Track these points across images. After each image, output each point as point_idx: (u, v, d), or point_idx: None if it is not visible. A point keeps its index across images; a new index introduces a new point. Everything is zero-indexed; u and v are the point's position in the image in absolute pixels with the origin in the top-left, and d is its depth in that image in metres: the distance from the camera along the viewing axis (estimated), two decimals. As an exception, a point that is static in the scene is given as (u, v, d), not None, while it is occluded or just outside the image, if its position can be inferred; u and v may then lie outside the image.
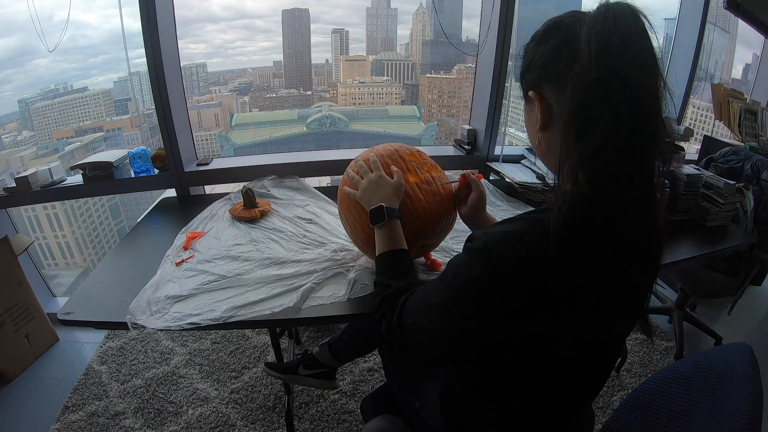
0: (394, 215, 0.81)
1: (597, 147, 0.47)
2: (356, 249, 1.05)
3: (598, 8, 0.49)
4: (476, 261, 0.52)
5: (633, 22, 0.47)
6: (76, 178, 1.66)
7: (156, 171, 1.66)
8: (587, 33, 0.48)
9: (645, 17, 0.48)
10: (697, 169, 1.30)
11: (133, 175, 1.65)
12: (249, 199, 1.31)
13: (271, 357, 1.65)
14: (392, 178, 0.86)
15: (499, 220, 0.84)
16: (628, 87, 0.47)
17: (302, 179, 1.55)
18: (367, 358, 1.63)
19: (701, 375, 0.60)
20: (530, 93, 0.58)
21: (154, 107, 1.55)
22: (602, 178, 0.48)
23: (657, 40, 0.48)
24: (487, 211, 0.94)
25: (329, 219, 1.27)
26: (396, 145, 0.96)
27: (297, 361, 1.29)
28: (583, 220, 0.48)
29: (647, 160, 0.50)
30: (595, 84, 0.47)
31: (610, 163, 0.48)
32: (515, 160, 1.72)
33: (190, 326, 0.84)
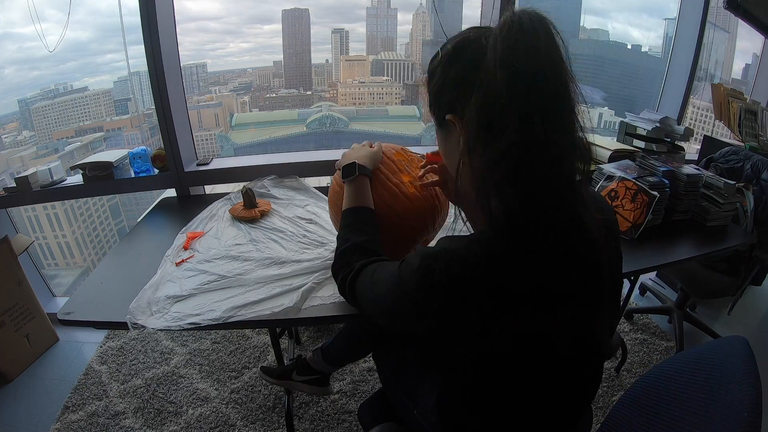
0: (363, 172, 0.85)
1: (508, 153, 0.48)
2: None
3: (504, 17, 0.49)
4: (414, 275, 0.54)
5: (539, 27, 0.47)
6: (76, 178, 1.66)
7: (156, 171, 1.66)
8: (493, 41, 0.48)
9: (551, 22, 0.48)
10: (697, 169, 1.30)
11: (133, 175, 1.65)
12: (249, 199, 1.31)
13: (271, 357, 1.65)
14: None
15: None
16: (536, 91, 0.47)
17: (302, 179, 1.55)
18: (367, 358, 1.62)
19: (699, 368, 0.61)
20: (448, 117, 0.56)
21: (154, 107, 1.55)
22: (520, 189, 0.49)
23: (564, 45, 0.49)
24: None
25: (329, 219, 1.27)
26: (382, 145, 0.97)
27: (291, 366, 1.29)
28: (511, 230, 0.50)
29: (565, 162, 0.50)
30: (503, 90, 0.47)
31: (524, 170, 0.48)
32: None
33: (190, 326, 0.84)
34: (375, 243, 0.76)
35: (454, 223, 0.63)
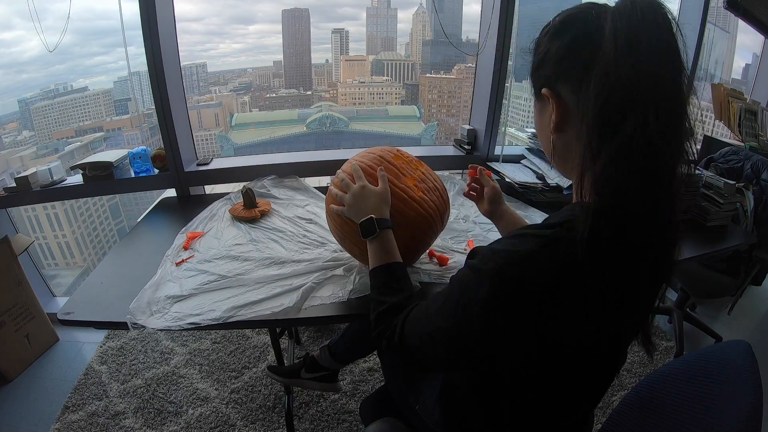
0: (385, 226, 0.78)
1: (623, 150, 0.44)
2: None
3: (622, 1, 0.46)
4: (486, 282, 0.49)
5: (660, 16, 0.45)
6: (76, 178, 1.66)
7: (156, 171, 1.66)
8: (612, 27, 0.45)
9: (669, 12, 0.45)
10: (697, 169, 1.30)
11: (133, 175, 1.65)
12: (249, 199, 1.31)
13: (271, 357, 1.65)
14: (377, 185, 0.83)
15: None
16: (654, 84, 0.44)
17: (302, 179, 1.55)
18: (367, 358, 1.63)
19: (701, 373, 0.60)
20: (544, 91, 0.54)
21: (154, 107, 1.55)
22: (627, 186, 0.45)
23: (682, 36, 0.45)
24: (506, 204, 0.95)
25: (329, 219, 1.27)
26: (378, 150, 0.94)
27: (299, 364, 1.29)
28: (607, 233, 0.45)
29: (672, 162, 0.46)
30: (621, 81, 0.44)
31: (636, 168, 0.44)
32: (515, 160, 1.72)
33: (190, 326, 0.84)
34: (411, 298, 0.71)
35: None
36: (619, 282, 0.49)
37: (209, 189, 1.76)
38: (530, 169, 1.59)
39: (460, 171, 1.88)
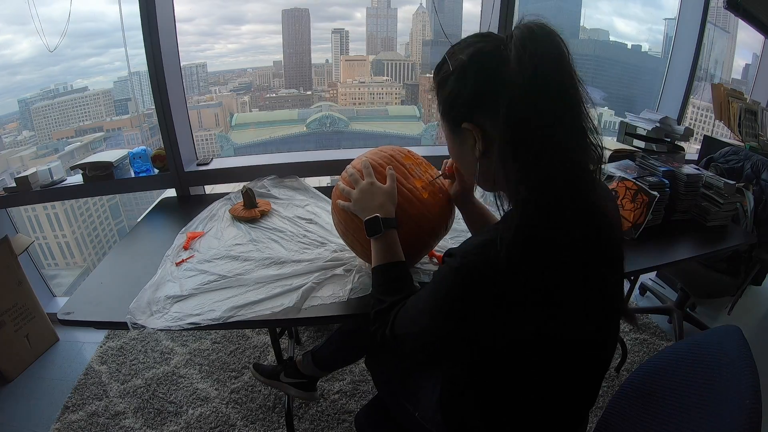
0: (390, 226, 0.78)
1: (536, 161, 0.51)
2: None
3: (521, 30, 0.53)
4: (452, 273, 0.56)
5: (555, 41, 0.52)
6: (76, 178, 1.66)
7: (156, 171, 1.66)
8: (517, 58, 0.51)
9: (559, 33, 0.52)
10: (697, 169, 1.30)
11: (133, 175, 1.65)
12: (249, 199, 1.31)
13: (271, 357, 1.65)
14: (385, 183, 0.83)
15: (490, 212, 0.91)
16: (560, 103, 0.51)
17: (302, 179, 1.55)
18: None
19: (696, 358, 0.61)
20: (465, 125, 0.59)
21: (154, 107, 1.55)
22: (544, 190, 0.52)
23: (569, 53, 0.53)
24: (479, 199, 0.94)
25: (329, 219, 1.26)
26: (389, 150, 0.93)
27: (279, 368, 1.29)
28: (533, 229, 0.52)
29: (581, 165, 0.54)
30: (531, 106, 0.50)
31: (550, 175, 0.51)
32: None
33: (190, 326, 0.84)
34: (410, 297, 0.73)
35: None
36: (555, 271, 0.53)
37: (209, 189, 1.76)
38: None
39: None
